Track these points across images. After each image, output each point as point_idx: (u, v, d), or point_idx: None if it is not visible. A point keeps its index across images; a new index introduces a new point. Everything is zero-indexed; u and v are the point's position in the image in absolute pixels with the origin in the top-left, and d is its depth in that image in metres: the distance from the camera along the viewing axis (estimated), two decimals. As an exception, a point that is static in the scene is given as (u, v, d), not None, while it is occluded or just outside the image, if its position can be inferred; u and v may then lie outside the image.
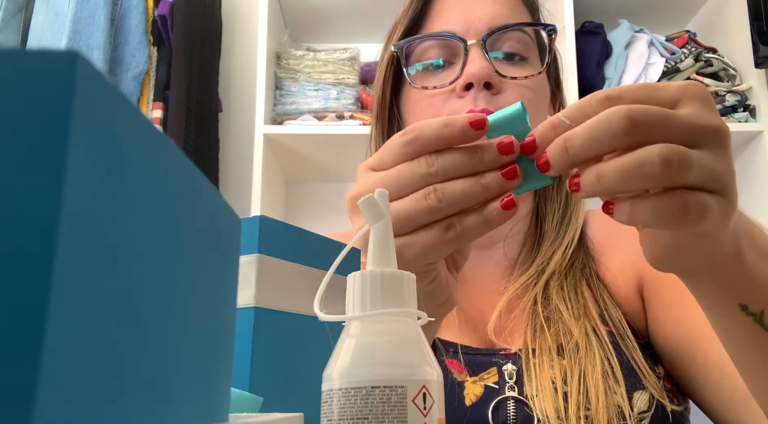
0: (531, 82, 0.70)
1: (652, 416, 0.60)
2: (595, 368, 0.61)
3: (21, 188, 0.13)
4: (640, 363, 0.63)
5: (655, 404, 0.60)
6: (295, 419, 0.27)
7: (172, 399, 0.18)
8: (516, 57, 0.71)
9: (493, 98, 0.67)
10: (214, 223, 0.22)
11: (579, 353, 0.62)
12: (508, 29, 0.70)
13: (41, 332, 0.12)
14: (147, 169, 0.17)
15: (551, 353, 0.63)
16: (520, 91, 0.69)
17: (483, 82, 0.66)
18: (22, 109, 0.13)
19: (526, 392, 0.61)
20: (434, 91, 0.69)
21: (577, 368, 0.61)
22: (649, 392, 0.61)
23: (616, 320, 0.66)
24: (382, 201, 0.34)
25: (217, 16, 1.82)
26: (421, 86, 0.70)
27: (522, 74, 0.69)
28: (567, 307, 0.66)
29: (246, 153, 1.72)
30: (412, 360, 0.30)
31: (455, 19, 0.71)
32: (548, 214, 0.75)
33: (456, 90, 0.68)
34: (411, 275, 0.33)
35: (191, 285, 0.20)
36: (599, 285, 0.70)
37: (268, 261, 0.39)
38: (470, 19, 0.70)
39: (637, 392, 0.61)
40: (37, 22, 1.55)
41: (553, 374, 0.61)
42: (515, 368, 0.64)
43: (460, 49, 0.70)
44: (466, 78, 0.67)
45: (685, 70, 1.65)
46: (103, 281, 0.14)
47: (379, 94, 0.76)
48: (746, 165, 1.64)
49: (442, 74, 0.71)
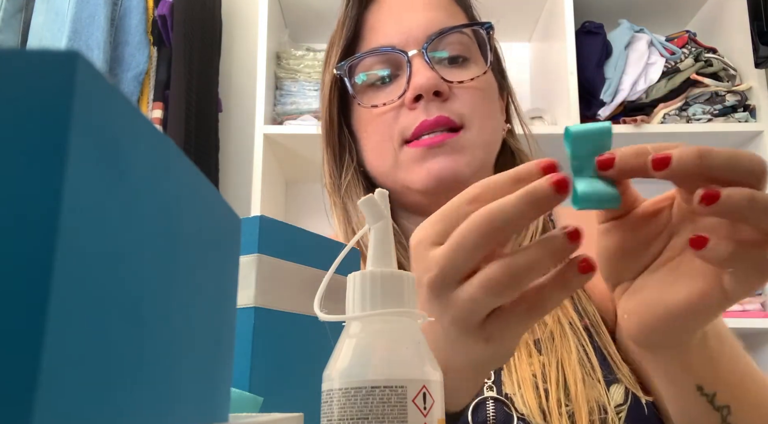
0: (478, 82, 0.70)
1: (628, 408, 0.59)
2: (570, 355, 0.60)
3: (21, 188, 0.13)
4: (614, 355, 0.62)
5: (630, 397, 0.60)
6: (295, 419, 0.27)
7: (172, 399, 0.18)
8: (459, 59, 0.71)
9: (444, 105, 0.67)
10: (214, 223, 0.22)
11: (554, 342, 0.61)
12: (446, 33, 0.70)
13: (41, 332, 0.12)
14: (147, 169, 0.17)
15: (529, 347, 0.62)
16: (470, 93, 0.69)
17: (432, 91, 0.67)
18: (22, 109, 0.13)
19: (506, 391, 0.60)
20: (384, 109, 0.69)
21: (554, 357, 0.60)
22: (624, 385, 0.61)
23: (590, 314, 0.66)
24: (382, 201, 0.34)
25: (217, 16, 1.82)
26: (370, 105, 0.70)
27: (468, 76, 0.70)
28: None
29: (246, 153, 1.72)
30: (412, 360, 0.30)
31: (392, 31, 0.71)
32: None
33: (405, 103, 0.68)
34: (411, 275, 0.33)
35: (191, 285, 0.20)
36: None
37: (268, 261, 0.39)
38: (407, 29, 0.70)
39: (613, 385, 0.61)
40: (37, 22, 1.56)
41: (532, 369, 0.60)
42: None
43: (402, 62, 0.69)
44: (414, 90, 0.67)
45: (685, 70, 1.65)
46: (103, 281, 0.14)
47: (326, 117, 0.75)
48: (746, 165, 1.64)
49: (388, 89, 0.70)
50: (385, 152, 0.70)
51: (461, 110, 0.68)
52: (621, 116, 1.65)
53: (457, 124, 0.68)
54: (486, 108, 0.71)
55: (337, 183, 0.76)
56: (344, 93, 0.74)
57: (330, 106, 0.75)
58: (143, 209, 0.17)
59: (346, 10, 0.74)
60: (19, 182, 0.13)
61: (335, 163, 0.76)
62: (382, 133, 0.70)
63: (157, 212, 0.17)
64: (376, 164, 0.72)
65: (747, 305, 1.54)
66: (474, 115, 0.69)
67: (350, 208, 0.74)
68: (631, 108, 1.66)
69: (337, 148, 0.75)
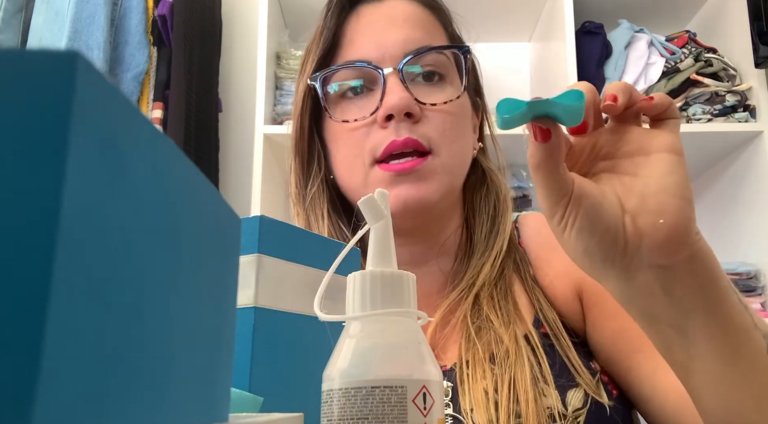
0: (451, 106, 0.70)
1: (587, 412, 0.60)
2: (524, 373, 0.61)
3: (21, 188, 0.13)
4: (575, 362, 0.63)
5: (590, 401, 0.61)
6: (295, 419, 0.27)
7: (172, 399, 0.18)
8: (435, 77, 0.71)
9: (415, 127, 0.68)
10: (214, 223, 0.22)
11: (509, 360, 0.62)
12: (423, 53, 0.70)
13: (41, 331, 0.12)
14: (147, 169, 0.17)
15: (484, 363, 0.63)
16: (442, 117, 0.69)
17: (403, 112, 0.66)
18: (22, 109, 0.13)
19: (462, 408, 0.60)
20: (356, 124, 0.69)
21: (507, 375, 0.61)
22: (583, 389, 0.61)
23: (551, 321, 0.67)
24: (382, 201, 0.34)
25: (217, 17, 1.82)
26: (342, 120, 0.70)
27: (441, 99, 0.69)
28: (497, 315, 0.66)
29: (246, 153, 1.72)
30: (412, 360, 0.30)
31: (369, 46, 0.70)
32: (477, 226, 0.75)
33: (377, 121, 0.68)
34: (411, 275, 0.33)
35: (191, 285, 0.20)
36: (534, 287, 0.70)
37: (268, 261, 0.39)
38: (384, 46, 0.70)
39: (571, 390, 0.61)
40: (37, 22, 1.56)
41: (485, 383, 0.61)
42: (451, 384, 0.64)
43: (377, 78, 0.69)
44: (385, 110, 0.67)
45: (685, 70, 1.65)
46: (102, 281, 0.14)
47: (297, 125, 0.75)
48: (746, 165, 1.64)
49: (361, 102, 0.70)
50: (355, 167, 0.70)
51: (431, 134, 0.68)
52: (621, 116, 1.64)
53: (426, 148, 0.68)
54: (456, 132, 0.71)
55: (302, 193, 0.76)
56: (317, 102, 0.74)
57: (302, 114, 0.74)
58: (143, 209, 0.17)
59: (325, 20, 0.74)
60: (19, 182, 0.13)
61: (302, 173, 0.76)
62: (353, 147, 0.70)
63: (157, 212, 0.17)
64: (346, 178, 0.72)
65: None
66: (443, 140, 0.69)
67: (312, 221, 0.74)
68: (631, 108, 1.66)
69: (305, 156, 0.75)
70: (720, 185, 1.75)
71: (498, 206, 0.75)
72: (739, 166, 1.67)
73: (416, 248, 0.73)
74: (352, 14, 0.74)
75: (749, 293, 1.55)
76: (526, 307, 0.69)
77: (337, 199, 0.76)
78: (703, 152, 1.69)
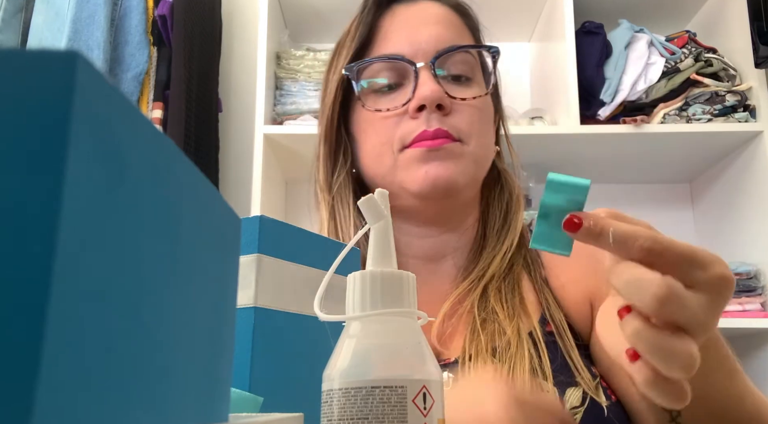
0: (478, 102, 0.74)
1: (584, 411, 0.61)
2: (523, 365, 0.62)
3: (21, 188, 0.13)
4: (576, 362, 0.65)
5: (588, 400, 0.62)
6: (295, 419, 0.27)
7: (172, 399, 0.18)
8: (463, 78, 0.75)
9: (445, 119, 0.71)
10: (214, 223, 0.22)
11: (510, 351, 0.64)
12: (455, 51, 0.74)
13: (41, 332, 0.12)
14: (147, 169, 0.17)
15: (486, 355, 0.65)
16: (470, 111, 0.73)
17: (435, 104, 0.70)
18: (22, 109, 0.13)
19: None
20: (388, 114, 0.73)
21: (507, 365, 0.63)
22: (582, 389, 0.63)
23: (557, 320, 0.69)
24: (382, 201, 0.34)
25: (217, 17, 1.81)
26: (374, 109, 0.73)
27: (470, 95, 0.73)
28: (503, 308, 0.69)
29: (246, 153, 1.72)
30: (412, 360, 0.30)
31: (403, 41, 0.74)
32: (490, 221, 0.78)
33: (409, 111, 0.72)
34: (411, 275, 0.33)
35: (191, 285, 0.20)
36: (543, 287, 0.73)
37: (268, 261, 0.39)
38: (418, 42, 0.74)
39: (570, 388, 0.63)
40: (37, 22, 1.55)
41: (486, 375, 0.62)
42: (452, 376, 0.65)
43: (409, 72, 0.73)
44: (418, 100, 0.70)
45: (685, 70, 1.65)
46: (102, 281, 0.14)
47: (328, 113, 0.78)
48: (746, 165, 1.64)
49: (392, 95, 0.74)
50: (383, 155, 0.73)
51: (460, 126, 0.72)
52: (621, 116, 1.65)
53: (455, 138, 0.71)
54: (482, 127, 0.75)
55: (329, 181, 0.78)
56: (346, 95, 0.77)
57: (333, 104, 0.77)
58: (143, 209, 0.17)
59: (362, 15, 0.78)
60: (19, 182, 0.13)
61: (330, 160, 0.79)
62: (383, 136, 0.73)
63: (157, 211, 0.17)
64: (373, 166, 0.75)
65: (747, 305, 1.54)
66: (471, 131, 0.72)
67: (338, 208, 0.77)
68: (631, 108, 1.66)
69: (333, 146, 0.78)
70: (720, 185, 1.75)
71: (510, 204, 0.79)
72: (739, 166, 1.67)
73: (435, 241, 0.76)
74: (388, 12, 0.78)
75: (749, 293, 1.55)
76: (534, 304, 0.71)
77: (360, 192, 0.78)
78: (703, 152, 1.69)
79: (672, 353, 0.37)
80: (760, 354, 1.56)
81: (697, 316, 0.38)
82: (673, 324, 0.38)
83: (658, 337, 0.37)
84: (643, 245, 0.38)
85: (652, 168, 1.79)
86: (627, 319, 0.39)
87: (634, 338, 0.38)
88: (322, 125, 0.79)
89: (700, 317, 0.38)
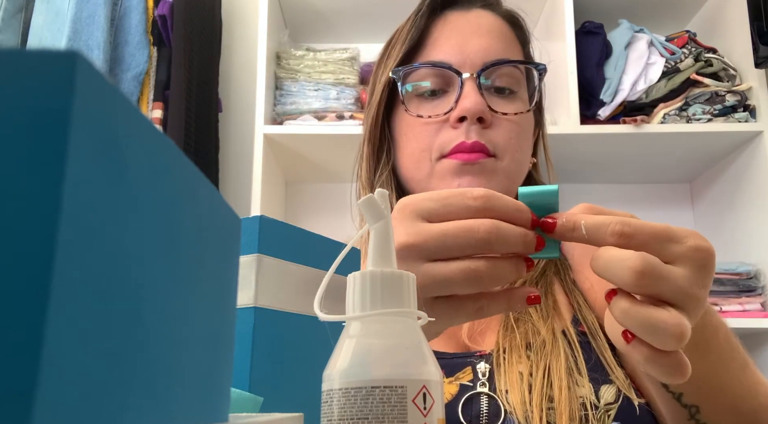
0: (519, 118, 0.75)
1: (618, 407, 0.62)
2: (559, 363, 0.63)
3: (21, 188, 0.13)
4: (610, 361, 0.66)
5: (621, 397, 0.63)
6: (295, 419, 0.27)
7: (171, 399, 0.18)
8: (506, 91, 0.76)
9: (484, 132, 0.72)
10: (214, 223, 0.22)
11: (545, 350, 0.65)
12: (502, 64, 0.75)
13: (41, 332, 0.12)
14: (147, 169, 0.17)
15: (520, 350, 0.66)
16: (509, 126, 0.74)
17: (476, 116, 0.71)
18: (22, 109, 0.13)
19: (498, 388, 0.64)
20: (429, 120, 0.74)
21: (543, 362, 0.64)
22: (616, 386, 0.63)
23: (589, 321, 0.69)
24: (382, 201, 0.34)
25: (217, 16, 1.81)
26: (416, 114, 0.75)
27: (512, 110, 0.74)
28: (536, 309, 0.70)
29: (246, 153, 1.72)
30: (412, 360, 0.30)
31: (452, 50, 0.75)
32: None
33: (449, 121, 0.73)
34: (411, 275, 0.33)
35: (191, 285, 0.20)
36: (574, 290, 0.74)
37: (268, 261, 0.39)
38: (466, 52, 0.75)
39: (604, 385, 0.64)
40: (37, 22, 1.55)
41: (521, 367, 0.64)
42: (488, 366, 0.67)
43: (455, 81, 0.74)
44: (460, 111, 0.72)
45: (685, 70, 1.65)
46: (102, 281, 0.14)
47: (373, 113, 0.79)
48: (746, 165, 1.64)
49: (435, 102, 0.75)
50: (421, 161, 0.75)
51: (497, 140, 0.73)
52: (621, 116, 1.65)
53: (491, 153, 0.72)
54: (520, 142, 0.76)
55: (371, 178, 0.80)
56: (392, 94, 0.79)
57: (379, 104, 0.79)
58: (143, 209, 0.17)
59: (415, 19, 0.79)
60: (19, 182, 0.13)
61: (373, 158, 0.80)
62: (422, 142, 0.74)
63: (157, 211, 0.17)
64: (411, 170, 0.77)
65: (747, 305, 1.54)
66: (508, 147, 0.74)
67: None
68: (631, 108, 1.66)
69: (377, 145, 0.80)
70: (720, 185, 1.75)
71: None
72: (739, 166, 1.67)
73: None
74: (440, 18, 0.79)
75: (749, 293, 1.55)
76: (566, 306, 0.72)
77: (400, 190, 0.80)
78: (703, 152, 1.69)
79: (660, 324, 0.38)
80: (760, 354, 1.56)
81: (682, 289, 0.39)
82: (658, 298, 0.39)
83: (644, 311, 0.39)
84: (614, 229, 0.40)
85: (652, 168, 1.79)
86: (614, 301, 0.41)
87: (623, 317, 0.40)
88: (366, 124, 0.81)
89: (685, 289, 0.39)
